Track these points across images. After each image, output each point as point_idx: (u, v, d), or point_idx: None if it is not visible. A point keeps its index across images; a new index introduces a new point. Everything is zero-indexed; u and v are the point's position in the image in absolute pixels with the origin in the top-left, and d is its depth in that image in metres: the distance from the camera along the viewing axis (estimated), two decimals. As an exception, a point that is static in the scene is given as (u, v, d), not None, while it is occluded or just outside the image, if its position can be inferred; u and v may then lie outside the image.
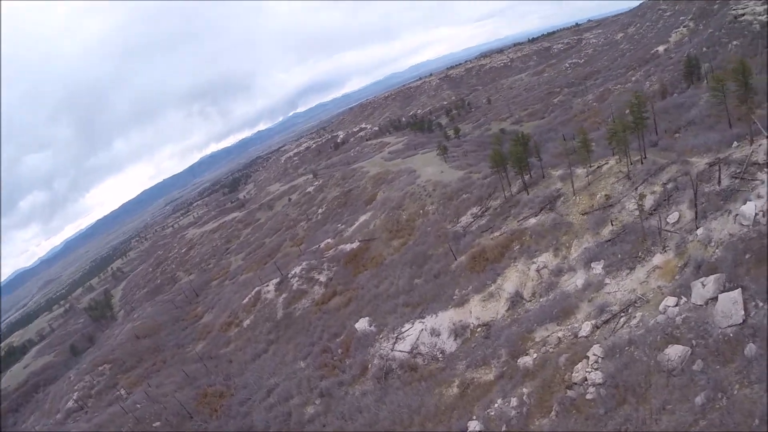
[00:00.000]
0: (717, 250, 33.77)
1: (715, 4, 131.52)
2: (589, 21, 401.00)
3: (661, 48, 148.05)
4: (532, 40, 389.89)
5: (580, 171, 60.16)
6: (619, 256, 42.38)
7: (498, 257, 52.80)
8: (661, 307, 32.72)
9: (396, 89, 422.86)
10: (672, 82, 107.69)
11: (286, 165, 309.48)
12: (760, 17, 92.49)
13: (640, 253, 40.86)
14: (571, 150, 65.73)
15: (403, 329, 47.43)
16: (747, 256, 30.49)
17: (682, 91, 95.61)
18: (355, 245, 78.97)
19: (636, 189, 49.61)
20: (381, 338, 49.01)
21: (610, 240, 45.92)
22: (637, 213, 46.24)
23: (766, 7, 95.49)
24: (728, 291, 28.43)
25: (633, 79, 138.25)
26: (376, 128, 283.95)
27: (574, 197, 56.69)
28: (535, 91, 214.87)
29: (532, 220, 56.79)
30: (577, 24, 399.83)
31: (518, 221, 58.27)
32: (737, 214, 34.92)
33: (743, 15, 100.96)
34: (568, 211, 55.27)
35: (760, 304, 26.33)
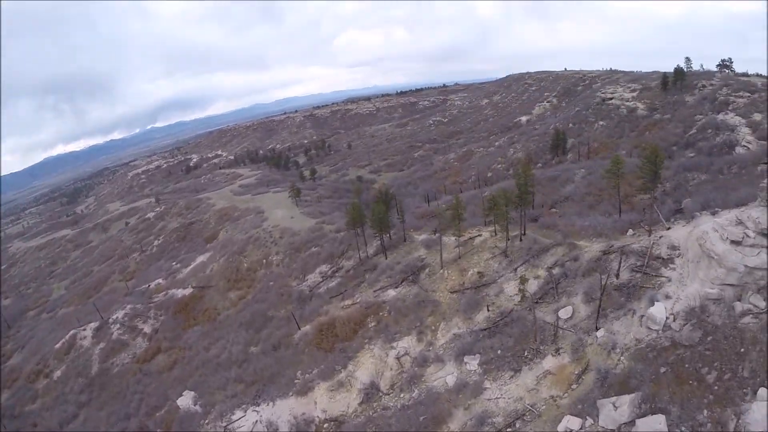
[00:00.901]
0: (623, 359, 35.04)
1: (579, 86, 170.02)
2: (456, 84, 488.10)
3: (524, 118, 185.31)
4: (400, 94, 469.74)
5: (448, 239, 62.20)
6: (499, 351, 42.09)
7: (350, 335, 51.49)
8: (561, 428, 31.02)
9: (259, 120, 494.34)
10: (537, 152, 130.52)
11: (132, 182, 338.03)
12: (627, 103, 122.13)
13: (526, 352, 40.69)
14: (436, 212, 68.99)
15: (234, 417, 47.30)
16: (663, 370, 31.70)
17: (546, 162, 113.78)
18: (188, 292, 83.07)
19: (515, 270, 52.20)
20: (207, 424, 49.00)
21: (486, 329, 45.87)
22: (518, 299, 47.92)
23: (634, 94, 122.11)
24: (646, 416, 28.18)
25: (496, 144, 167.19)
26: (232, 157, 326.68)
27: (441, 270, 57.63)
28: (396, 142, 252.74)
29: (392, 293, 56.46)
30: (444, 85, 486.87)
31: (375, 291, 58.10)
32: (644, 316, 37.44)
33: (611, 99, 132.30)
34: (435, 286, 55.72)
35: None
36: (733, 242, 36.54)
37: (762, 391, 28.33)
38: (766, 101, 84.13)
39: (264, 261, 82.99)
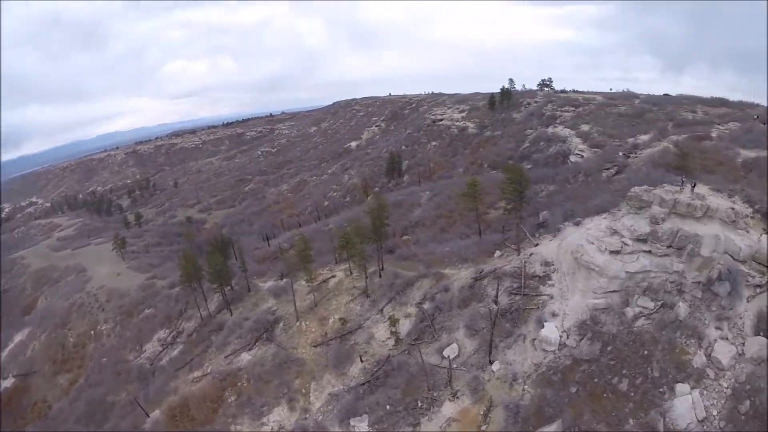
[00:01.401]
0: (527, 388, 36.47)
1: (406, 110, 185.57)
2: (283, 113, 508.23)
3: (354, 144, 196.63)
4: (227, 125, 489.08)
5: (298, 285, 60.96)
6: (389, 407, 40.86)
7: (209, 415, 46.91)
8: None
9: (77, 160, 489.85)
10: (372, 176, 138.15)
11: None
12: (457, 123, 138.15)
13: (420, 403, 40.20)
14: (280, 254, 68.33)
15: None
16: (575, 390, 33.99)
17: (383, 186, 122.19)
18: (9, 383, 77.40)
19: (381, 310, 52.29)
20: None
21: (366, 383, 44.44)
22: (392, 343, 47.57)
23: (463, 114, 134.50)
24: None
25: (329, 171, 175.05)
26: (49, 204, 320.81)
27: (298, 322, 55.72)
28: (225, 176, 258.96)
29: (246, 357, 52.93)
30: (271, 114, 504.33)
31: (226, 357, 54.24)
32: (536, 339, 39.56)
33: (441, 120, 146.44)
34: (294, 341, 53.42)
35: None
36: (612, 252, 41.24)
37: (679, 386, 32.70)
38: (590, 114, 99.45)
39: (92, 332, 78.84)
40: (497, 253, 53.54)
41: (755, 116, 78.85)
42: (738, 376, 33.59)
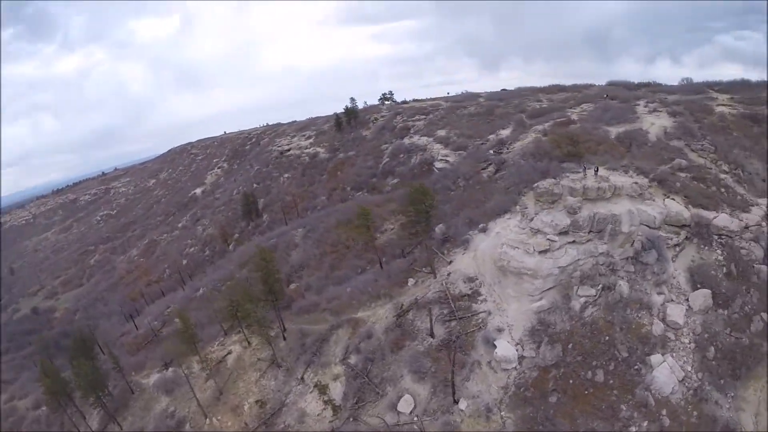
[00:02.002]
0: (504, 414, 35.45)
1: (247, 145, 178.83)
2: (116, 169, 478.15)
3: (198, 190, 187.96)
4: (57, 192, 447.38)
5: (190, 372, 52.78)
6: None
7: None
8: None
9: None
10: (229, 222, 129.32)
11: None
12: (306, 150, 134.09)
13: None
14: (154, 334, 61.09)
15: None
16: (555, 400, 34.42)
17: (243, 231, 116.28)
18: None
19: (302, 379, 47.05)
20: None
21: None
22: (330, 414, 42.84)
23: (311, 140, 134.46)
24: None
25: (179, 225, 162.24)
26: None
27: (207, 420, 48.18)
28: (65, 251, 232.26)
29: None
30: (103, 173, 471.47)
31: None
32: (491, 361, 38.37)
33: (289, 150, 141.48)
34: None
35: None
36: (541, 252, 41.69)
37: (653, 358, 35.61)
38: (443, 119, 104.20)
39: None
40: (410, 281, 51.16)
41: (605, 95, 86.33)
42: (694, 329, 37.46)
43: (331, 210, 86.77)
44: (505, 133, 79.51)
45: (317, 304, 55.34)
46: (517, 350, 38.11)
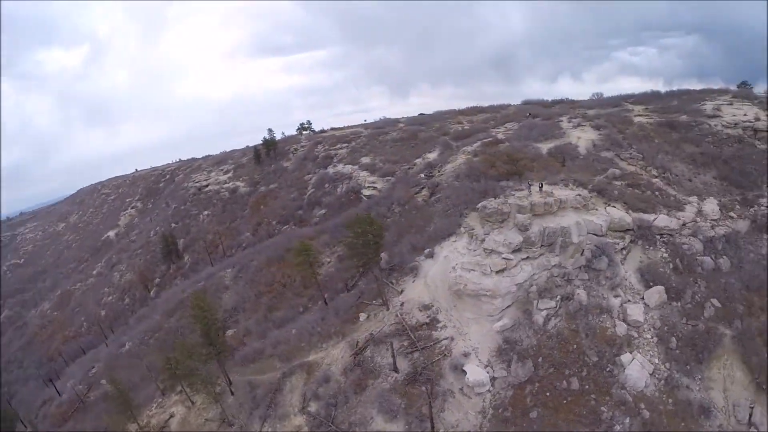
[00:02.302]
0: None
1: (161, 182, 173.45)
2: (22, 214, 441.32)
3: (112, 233, 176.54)
4: None
5: None
6: None
7: None
8: None
9: None
10: (148, 266, 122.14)
11: None
12: (225, 185, 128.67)
13: None
14: (80, 401, 57.15)
15: None
16: (536, 414, 35.11)
17: (164, 275, 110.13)
18: None
19: None
20: None
21: None
22: None
23: (229, 175, 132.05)
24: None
25: (94, 272, 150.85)
26: None
27: None
28: None
29: None
30: (8, 218, 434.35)
31: None
32: (463, 387, 38.11)
33: (207, 186, 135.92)
34: None
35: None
36: (498, 272, 42.42)
37: (623, 357, 37.54)
38: (366, 146, 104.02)
39: None
40: (362, 315, 49.55)
41: (528, 114, 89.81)
42: (654, 324, 40.28)
43: (259, 247, 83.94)
44: (432, 156, 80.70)
45: (262, 351, 51.91)
46: (487, 372, 38.19)
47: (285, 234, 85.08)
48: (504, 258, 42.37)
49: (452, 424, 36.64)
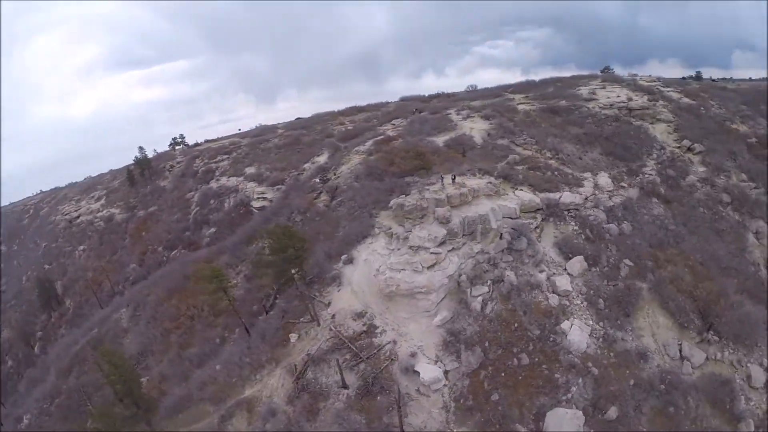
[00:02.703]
0: (458, 431, 36.43)
1: (24, 219, 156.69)
2: None
3: None
4: None
5: None
6: None
7: None
8: None
9: None
10: (24, 321, 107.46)
11: None
12: (99, 213, 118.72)
13: None
14: None
15: None
16: (497, 397, 36.82)
17: (45, 327, 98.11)
18: None
19: None
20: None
21: None
22: None
23: (102, 202, 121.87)
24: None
25: None
26: None
27: None
28: None
29: None
30: None
31: None
32: (419, 388, 38.58)
33: (78, 217, 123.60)
34: None
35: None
36: (430, 268, 43.96)
37: (563, 325, 41.12)
38: (248, 156, 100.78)
39: None
40: (292, 336, 46.89)
41: (414, 110, 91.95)
42: (581, 290, 44.79)
43: (153, 278, 76.81)
44: (321, 159, 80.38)
45: (189, 397, 46.59)
46: (439, 367, 39.35)
47: (178, 260, 79.49)
48: (432, 252, 44.03)
49: (419, 426, 36.96)
